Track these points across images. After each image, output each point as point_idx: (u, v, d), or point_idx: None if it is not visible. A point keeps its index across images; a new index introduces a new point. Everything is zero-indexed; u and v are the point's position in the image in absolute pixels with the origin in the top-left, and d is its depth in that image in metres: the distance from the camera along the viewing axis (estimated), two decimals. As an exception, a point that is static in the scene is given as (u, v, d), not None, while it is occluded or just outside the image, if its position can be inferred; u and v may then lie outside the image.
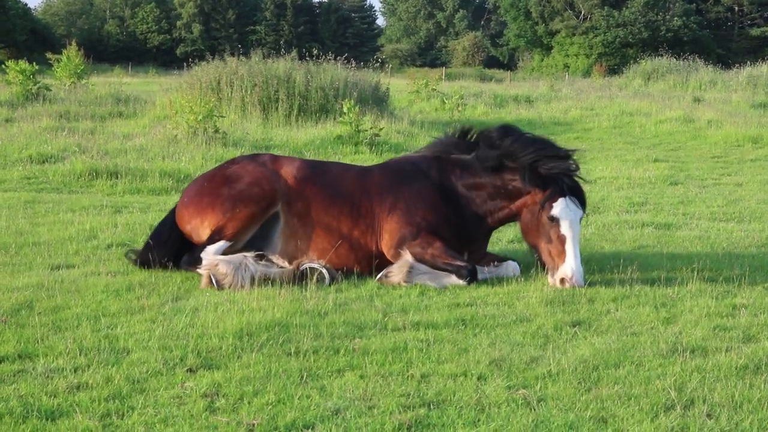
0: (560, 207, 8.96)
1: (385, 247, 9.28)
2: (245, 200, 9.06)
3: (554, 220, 8.95)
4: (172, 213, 9.64)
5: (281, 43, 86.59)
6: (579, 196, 9.16)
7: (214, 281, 8.64)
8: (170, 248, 9.38)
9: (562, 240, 8.94)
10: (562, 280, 8.86)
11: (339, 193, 9.40)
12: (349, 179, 9.56)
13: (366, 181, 9.55)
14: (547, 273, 9.12)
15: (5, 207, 12.91)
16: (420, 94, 38.52)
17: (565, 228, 8.94)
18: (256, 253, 8.98)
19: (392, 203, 9.33)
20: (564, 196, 8.99)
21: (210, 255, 8.87)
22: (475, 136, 9.76)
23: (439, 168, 9.56)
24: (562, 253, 8.93)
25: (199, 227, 9.21)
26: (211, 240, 9.01)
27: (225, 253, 8.96)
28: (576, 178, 9.24)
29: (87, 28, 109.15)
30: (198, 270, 8.86)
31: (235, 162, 9.75)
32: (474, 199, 9.43)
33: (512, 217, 9.51)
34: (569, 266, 8.86)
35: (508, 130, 9.56)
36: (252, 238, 9.20)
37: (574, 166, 9.24)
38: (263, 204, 9.09)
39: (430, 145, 10.13)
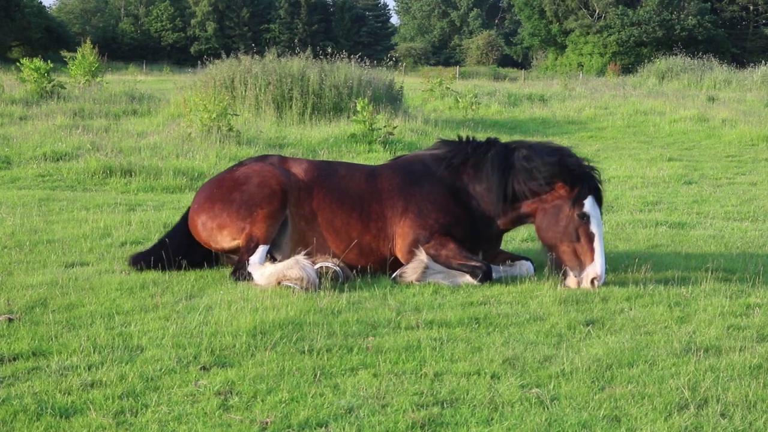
0: (590, 204, 8.95)
1: (399, 252, 9.25)
2: (259, 201, 8.98)
3: (585, 218, 8.89)
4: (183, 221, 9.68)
5: (295, 41, 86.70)
6: (599, 197, 9.17)
7: (301, 288, 8.51)
8: (177, 250, 9.37)
9: (591, 238, 8.88)
10: (593, 281, 8.80)
11: (347, 196, 9.32)
12: (358, 181, 9.47)
13: (375, 183, 9.47)
14: (563, 273, 9.01)
15: (20, 204, 12.95)
16: (434, 92, 38.44)
17: (594, 226, 8.91)
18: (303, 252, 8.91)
19: (404, 206, 9.28)
20: (591, 194, 9.00)
21: (258, 267, 8.83)
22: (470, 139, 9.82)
23: (449, 168, 9.52)
24: (590, 251, 8.86)
25: (216, 234, 9.14)
26: (249, 251, 8.92)
27: (269, 254, 9.03)
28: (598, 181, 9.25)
29: (101, 27, 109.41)
30: (285, 284, 8.63)
31: (243, 164, 9.67)
32: (486, 198, 9.40)
33: (525, 218, 9.47)
34: (599, 265, 8.82)
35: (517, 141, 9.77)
36: None
37: (597, 170, 9.33)
38: (276, 201, 9.01)
39: (436, 144, 10.05)
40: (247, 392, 5.82)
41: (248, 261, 8.84)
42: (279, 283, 8.60)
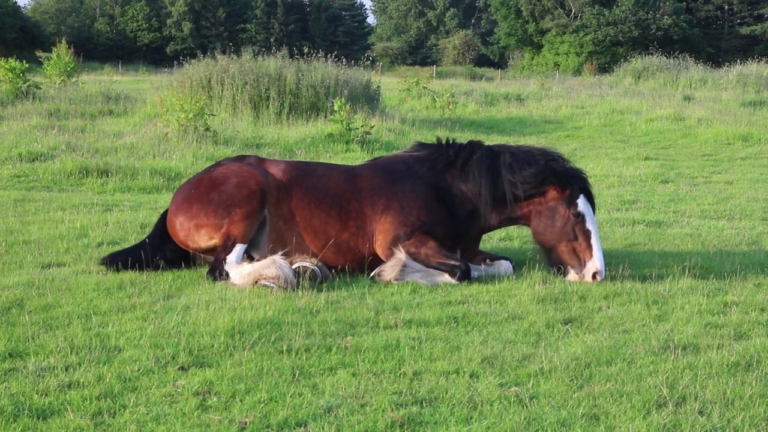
0: (582, 203, 9.22)
1: (379, 248, 9.25)
2: (238, 201, 8.96)
3: (579, 216, 9.14)
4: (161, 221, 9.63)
5: (272, 41, 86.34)
6: (591, 197, 9.44)
7: (278, 287, 8.50)
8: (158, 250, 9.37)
9: (587, 235, 9.13)
10: (594, 275, 9.02)
11: (326, 195, 9.31)
12: (337, 180, 9.47)
13: (355, 182, 9.47)
14: (564, 272, 9.20)
15: (-5, 205, 12.88)
16: (411, 92, 38.43)
17: (589, 223, 9.17)
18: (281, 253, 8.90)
19: (385, 204, 9.29)
20: (582, 193, 9.28)
21: (234, 266, 8.80)
22: (452, 141, 9.88)
23: (432, 168, 9.55)
24: (588, 248, 9.11)
25: (194, 234, 9.08)
26: (226, 249, 8.90)
27: (247, 253, 9.06)
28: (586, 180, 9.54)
29: (77, 26, 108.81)
30: (262, 283, 8.60)
31: (221, 164, 9.65)
32: (471, 199, 9.44)
33: (515, 220, 9.63)
34: (598, 259, 9.05)
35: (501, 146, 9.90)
36: None
37: (584, 171, 9.66)
38: (255, 202, 8.99)
39: (414, 147, 10.10)
40: (225, 392, 5.80)
41: (225, 260, 8.82)
42: (256, 282, 8.59)
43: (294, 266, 8.73)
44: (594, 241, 9.12)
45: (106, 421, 5.34)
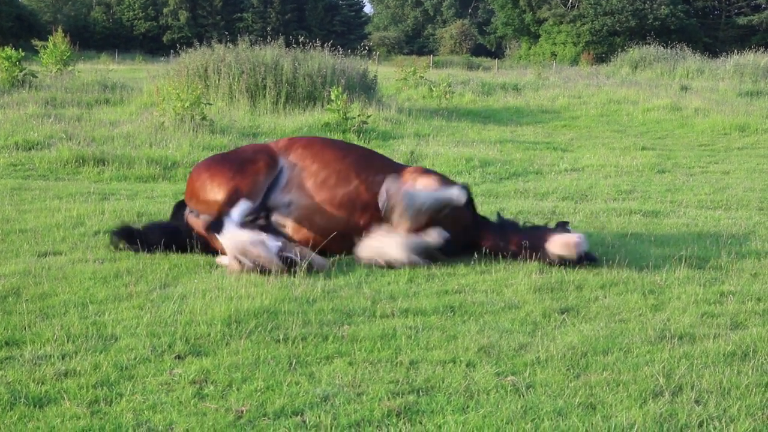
0: None
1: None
2: (250, 159, 9.43)
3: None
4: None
5: (268, 30, 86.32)
6: None
7: (253, 266, 8.59)
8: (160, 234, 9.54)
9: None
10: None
11: (348, 151, 9.93)
12: (357, 147, 10.43)
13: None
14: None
15: (-9, 194, 12.85)
16: (407, 81, 38.44)
17: None
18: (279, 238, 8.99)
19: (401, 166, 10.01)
20: None
21: (232, 227, 8.84)
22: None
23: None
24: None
25: (207, 184, 9.33)
26: (231, 202, 9.04)
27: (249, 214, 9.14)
28: None
29: (73, 15, 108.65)
30: (240, 258, 8.69)
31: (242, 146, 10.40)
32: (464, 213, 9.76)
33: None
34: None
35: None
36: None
37: None
38: (267, 159, 9.44)
39: None
40: (222, 381, 5.80)
41: (228, 213, 8.92)
42: (238, 254, 8.61)
43: (284, 252, 8.70)
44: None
45: (103, 410, 5.33)
